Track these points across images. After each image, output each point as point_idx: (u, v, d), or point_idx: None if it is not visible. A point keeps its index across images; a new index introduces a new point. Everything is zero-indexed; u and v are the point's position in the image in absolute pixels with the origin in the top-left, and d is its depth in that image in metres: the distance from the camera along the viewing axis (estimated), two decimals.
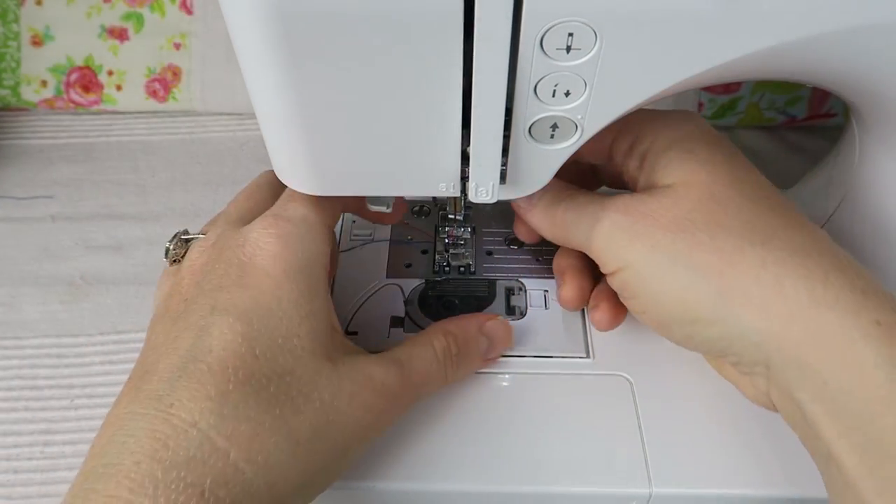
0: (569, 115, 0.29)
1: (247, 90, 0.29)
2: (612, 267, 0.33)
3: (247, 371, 0.28)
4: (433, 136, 0.30)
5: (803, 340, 0.28)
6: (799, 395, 0.29)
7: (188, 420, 0.27)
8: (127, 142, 0.60)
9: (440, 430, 0.36)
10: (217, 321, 0.29)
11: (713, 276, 0.30)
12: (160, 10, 0.59)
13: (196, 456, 0.26)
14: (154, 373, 0.28)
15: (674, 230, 0.31)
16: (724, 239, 0.30)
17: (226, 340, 0.29)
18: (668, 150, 0.34)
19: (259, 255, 0.31)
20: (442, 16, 0.25)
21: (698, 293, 0.30)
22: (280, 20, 0.25)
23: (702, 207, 0.31)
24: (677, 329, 0.32)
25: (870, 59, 0.29)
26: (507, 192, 0.33)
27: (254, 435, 0.27)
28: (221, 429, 0.27)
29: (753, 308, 0.29)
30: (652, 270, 0.31)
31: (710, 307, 0.30)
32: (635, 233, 0.32)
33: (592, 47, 0.26)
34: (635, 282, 0.32)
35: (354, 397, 0.30)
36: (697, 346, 0.32)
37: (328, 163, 0.31)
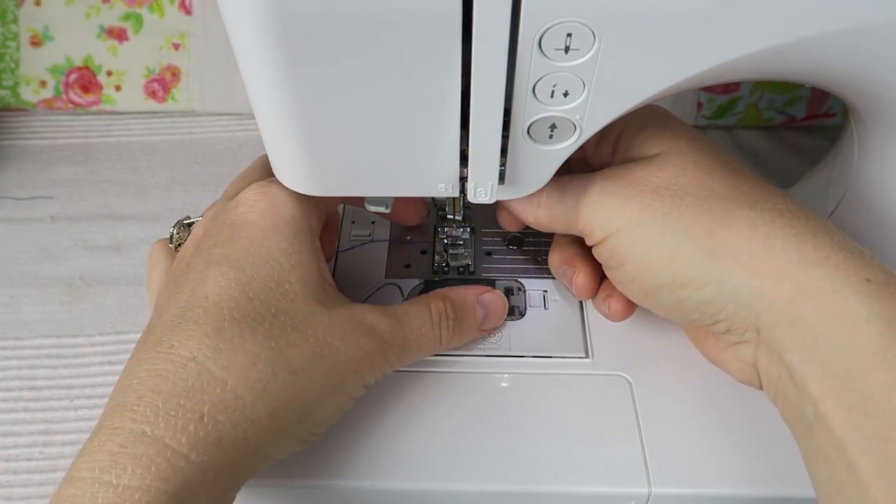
0: (567, 116, 0.29)
1: (246, 91, 0.29)
2: (600, 235, 0.33)
3: (241, 311, 0.30)
4: (432, 136, 0.30)
5: (794, 298, 0.29)
6: (788, 356, 0.29)
7: (186, 356, 0.28)
8: (126, 142, 0.60)
9: (439, 430, 0.36)
10: (212, 272, 0.31)
11: (703, 236, 0.30)
12: (159, 11, 0.59)
13: (195, 385, 0.28)
14: (157, 325, 0.30)
15: (662, 194, 0.31)
16: (712, 201, 0.31)
17: (220, 287, 0.30)
18: (644, 127, 0.34)
19: (249, 212, 0.33)
20: (440, 16, 0.25)
21: (689, 254, 0.30)
22: (278, 21, 0.25)
23: (687, 173, 0.32)
24: (667, 295, 0.32)
25: (868, 60, 0.29)
26: (506, 192, 0.33)
27: (251, 364, 0.29)
28: (219, 360, 0.28)
29: (744, 267, 0.30)
30: (642, 233, 0.31)
31: (701, 268, 0.30)
32: (624, 197, 0.32)
33: (591, 48, 0.26)
34: (624, 247, 0.32)
35: (346, 336, 0.32)
36: (688, 311, 0.32)
37: (327, 164, 0.31)
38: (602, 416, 0.37)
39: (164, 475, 0.26)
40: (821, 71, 0.31)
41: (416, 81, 0.27)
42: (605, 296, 0.38)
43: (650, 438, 0.36)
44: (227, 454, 0.28)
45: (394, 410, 0.37)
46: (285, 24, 0.25)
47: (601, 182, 0.33)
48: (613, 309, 0.37)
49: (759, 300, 0.29)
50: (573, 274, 0.38)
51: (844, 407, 0.27)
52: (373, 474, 0.35)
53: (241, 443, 0.28)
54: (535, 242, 0.45)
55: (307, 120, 0.29)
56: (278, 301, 0.31)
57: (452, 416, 0.37)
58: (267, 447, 0.30)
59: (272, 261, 0.32)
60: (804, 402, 0.29)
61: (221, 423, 0.28)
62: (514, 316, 0.41)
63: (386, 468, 0.35)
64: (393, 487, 0.35)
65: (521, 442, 0.36)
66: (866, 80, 0.32)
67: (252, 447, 0.29)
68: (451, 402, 0.37)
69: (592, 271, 0.38)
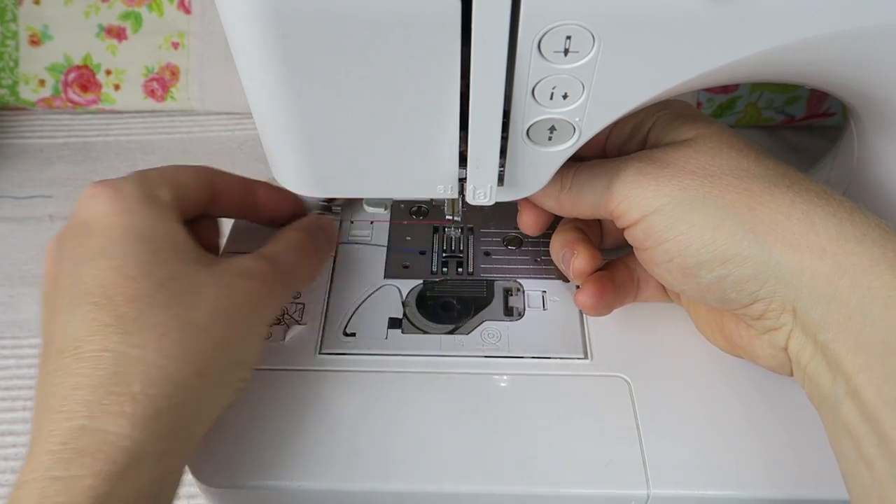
0: (566, 118, 0.29)
1: (244, 90, 0.29)
2: (635, 215, 0.33)
3: (129, 292, 0.30)
4: (431, 138, 0.30)
5: (833, 274, 0.29)
6: (823, 335, 0.29)
7: (97, 349, 0.29)
8: (125, 141, 0.60)
9: (438, 431, 0.36)
10: (83, 269, 0.31)
11: (744, 212, 0.30)
12: (158, 10, 0.59)
13: (118, 371, 0.28)
14: (51, 333, 0.31)
15: (700, 174, 0.32)
16: (750, 180, 0.31)
17: (98, 279, 0.30)
18: (675, 118, 0.35)
19: (93, 207, 0.33)
20: (440, 18, 0.25)
21: (731, 229, 0.30)
22: (277, 21, 0.25)
23: (722, 154, 0.32)
24: (706, 273, 0.32)
25: (866, 62, 0.29)
26: (505, 193, 0.33)
27: (161, 335, 0.30)
28: (130, 341, 0.29)
29: (786, 243, 0.30)
30: (682, 211, 0.31)
31: (743, 243, 0.30)
32: (663, 178, 0.32)
33: (590, 50, 0.26)
34: (663, 226, 0.32)
35: (234, 286, 0.33)
36: (726, 289, 0.32)
37: (325, 165, 0.31)
38: (601, 418, 0.37)
39: (111, 458, 0.27)
40: (820, 72, 0.31)
41: (415, 83, 0.27)
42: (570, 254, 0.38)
43: (649, 440, 0.36)
44: (169, 422, 0.29)
45: (392, 411, 0.37)
46: (284, 25, 0.25)
47: (636, 164, 0.33)
48: (582, 301, 0.37)
49: (801, 276, 0.30)
50: (572, 257, 0.38)
51: (878, 380, 0.28)
52: (371, 476, 0.35)
53: (179, 409, 0.29)
54: (534, 243, 0.45)
55: (305, 121, 0.29)
56: (160, 271, 0.31)
57: (451, 417, 0.37)
58: (206, 405, 0.31)
59: (136, 238, 0.32)
60: (837, 379, 0.29)
61: (154, 396, 0.29)
62: (514, 317, 0.41)
63: (384, 470, 0.35)
64: (391, 489, 0.35)
65: (520, 443, 0.36)
66: (865, 82, 0.32)
67: (192, 410, 0.30)
68: (449, 403, 0.37)
69: (591, 256, 0.38)
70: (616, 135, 0.36)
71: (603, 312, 0.38)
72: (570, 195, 0.35)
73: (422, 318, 0.41)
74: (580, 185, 0.34)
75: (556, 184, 0.35)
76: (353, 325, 0.40)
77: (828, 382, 0.30)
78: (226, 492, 0.35)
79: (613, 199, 0.33)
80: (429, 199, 0.46)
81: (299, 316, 0.41)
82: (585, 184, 0.34)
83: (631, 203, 0.33)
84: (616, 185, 0.33)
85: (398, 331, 0.40)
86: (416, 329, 0.40)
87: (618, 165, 0.33)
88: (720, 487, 0.35)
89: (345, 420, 0.36)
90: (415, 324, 0.41)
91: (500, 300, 0.42)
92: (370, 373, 0.38)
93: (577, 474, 0.35)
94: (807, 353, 0.31)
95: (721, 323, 0.36)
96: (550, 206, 0.37)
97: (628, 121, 0.36)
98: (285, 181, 0.33)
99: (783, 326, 0.31)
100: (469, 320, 0.41)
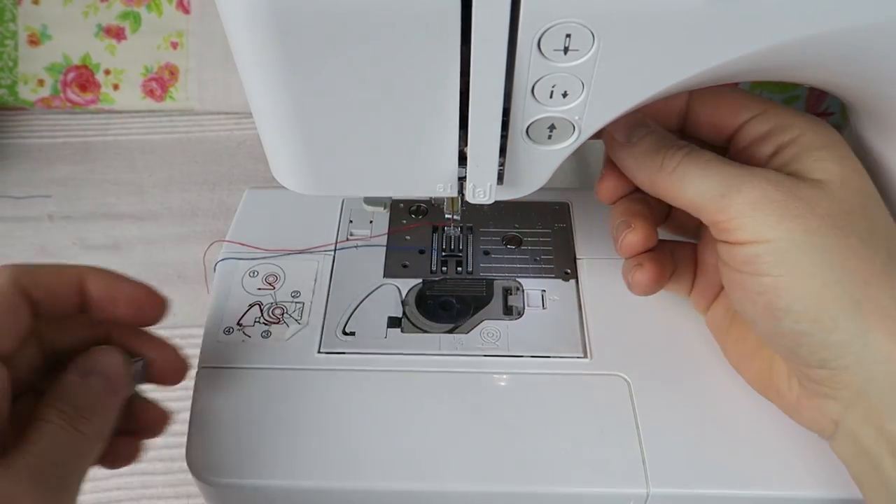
0: (566, 116, 0.29)
1: (244, 89, 0.29)
2: (746, 237, 0.31)
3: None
4: (431, 136, 0.30)
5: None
6: (892, 426, 0.29)
7: None
8: (124, 141, 0.60)
9: (437, 430, 0.36)
10: None
11: (858, 283, 0.29)
12: (157, 10, 0.59)
13: None
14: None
15: (829, 223, 0.30)
16: (875, 252, 0.30)
17: None
18: (821, 148, 0.32)
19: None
20: (439, 17, 0.25)
21: (837, 294, 0.29)
22: (277, 20, 0.25)
23: (855, 213, 0.30)
24: (791, 322, 0.30)
25: (866, 60, 0.29)
26: (505, 192, 0.33)
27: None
28: None
29: (884, 329, 0.29)
30: (797, 255, 0.30)
31: (843, 311, 0.29)
32: (788, 211, 0.30)
33: (590, 48, 0.26)
34: (771, 260, 0.30)
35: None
36: (801, 345, 0.30)
37: (325, 163, 0.31)
38: (600, 417, 0.37)
39: None
40: (818, 71, 0.31)
41: (414, 81, 0.27)
42: (636, 264, 0.36)
43: (648, 438, 0.36)
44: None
45: (391, 410, 0.37)
46: (283, 24, 0.25)
47: (764, 185, 0.30)
48: (637, 280, 0.36)
49: (886, 364, 0.29)
50: (627, 229, 0.36)
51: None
52: (370, 475, 0.35)
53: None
54: (533, 242, 0.45)
55: (305, 119, 0.29)
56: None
57: (450, 416, 0.37)
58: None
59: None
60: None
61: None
62: (513, 316, 0.41)
63: (383, 469, 0.35)
64: (390, 488, 0.35)
65: (519, 442, 0.36)
66: (864, 80, 0.32)
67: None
68: (448, 402, 0.37)
69: (647, 236, 0.36)
70: (750, 131, 0.34)
71: (648, 294, 0.37)
72: (670, 180, 0.32)
73: (421, 317, 0.41)
74: (685, 175, 0.32)
75: (655, 160, 0.33)
76: (353, 325, 0.40)
77: (892, 471, 0.29)
78: (225, 490, 0.35)
79: (725, 211, 0.31)
80: (428, 198, 0.46)
81: (299, 315, 0.41)
82: (693, 177, 0.32)
83: (746, 224, 0.30)
84: (734, 198, 0.31)
85: (397, 330, 0.40)
86: (415, 328, 0.40)
87: (741, 177, 0.31)
88: (719, 486, 0.35)
89: (344, 419, 0.36)
90: (414, 323, 0.41)
91: (500, 299, 0.42)
92: (369, 372, 0.38)
93: (577, 473, 0.35)
94: (867, 435, 0.30)
95: (770, 369, 0.35)
96: (640, 181, 0.34)
97: (769, 118, 0.34)
98: (285, 180, 0.33)
99: (839, 399, 0.31)
100: (468, 319, 0.41)
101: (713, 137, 0.36)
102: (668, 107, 0.36)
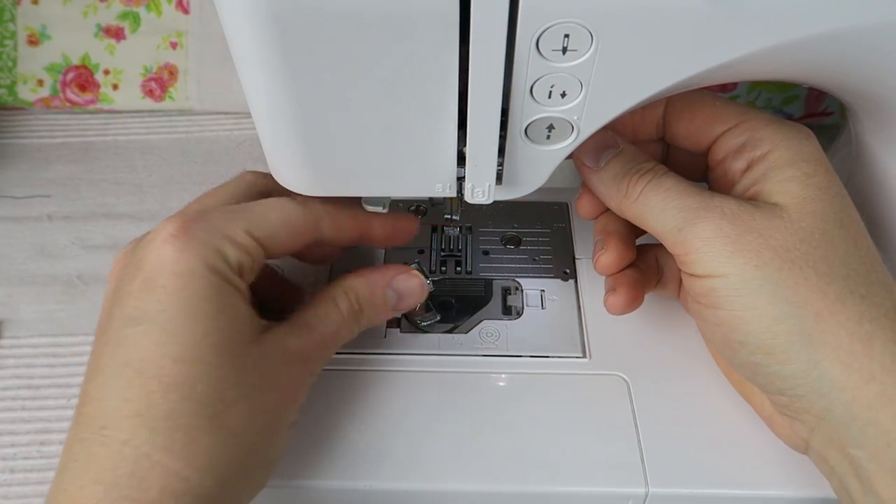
0: (565, 116, 0.29)
1: (243, 90, 0.29)
2: (701, 271, 0.31)
3: (168, 378, 0.28)
4: (429, 136, 0.30)
5: (875, 401, 0.28)
6: (856, 451, 0.29)
7: (121, 439, 0.27)
8: (123, 141, 0.60)
9: (436, 429, 0.36)
10: (130, 332, 0.29)
11: (810, 316, 0.29)
12: (156, 9, 0.59)
13: (135, 473, 0.26)
14: (87, 394, 0.29)
15: (782, 256, 0.30)
16: (828, 282, 0.29)
17: (141, 351, 0.28)
18: (787, 166, 0.32)
19: (162, 258, 0.30)
20: (438, 17, 0.25)
21: (790, 328, 0.29)
22: (275, 20, 0.25)
23: (813, 241, 0.30)
24: (747, 354, 0.31)
25: (865, 59, 0.30)
26: (504, 192, 0.33)
27: (190, 441, 0.27)
28: (156, 442, 0.27)
29: (838, 360, 0.29)
30: (749, 290, 0.30)
31: (795, 345, 0.29)
32: (741, 245, 0.30)
33: (588, 48, 0.26)
34: (725, 295, 0.30)
35: (277, 372, 0.31)
36: (758, 375, 0.31)
37: (324, 163, 0.31)
38: (599, 416, 0.37)
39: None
40: (818, 71, 0.31)
41: (413, 82, 0.27)
42: (610, 288, 0.37)
43: (647, 438, 0.36)
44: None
45: (390, 410, 0.37)
46: (282, 24, 0.25)
47: (717, 221, 0.31)
48: (611, 303, 0.36)
49: (840, 394, 0.29)
50: (601, 250, 0.36)
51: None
52: (369, 475, 0.35)
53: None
54: (532, 242, 0.45)
55: (304, 120, 0.29)
56: (207, 356, 0.29)
57: (449, 415, 0.37)
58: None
59: (193, 311, 0.29)
60: (867, 495, 0.29)
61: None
62: (512, 315, 0.41)
63: (382, 468, 0.35)
64: (389, 488, 0.35)
65: (518, 442, 0.36)
66: (863, 80, 0.32)
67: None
68: (447, 402, 0.37)
69: (621, 255, 0.36)
70: (725, 143, 0.34)
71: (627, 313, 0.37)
72: (633, 208, 0.33)
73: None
74: (646, 205, 0.32)
75: (620, 187, 0.33)
76: None
77: (858, 494, 0.30)
78: None
79: (682, 245, 0.31)
80: (427, 198, 0.46)
81: None
82: (654, 208, 0.32)
83: (701, 260, 0.31)
84: (688, 233, 0.31)
85: (397, 329, 0.40)
86: (414, 328, 0.40)
87: (696, 211, 0.31)
88: (718, 486, 0.35)
89: (343, 418, 0.36)
90: (414, 323, 0.41)
91: (499, 299, 0.42)
92: (368, 371, 0.38)
93: (576, 472, 0.35)
94: (833, 456, 0.30)
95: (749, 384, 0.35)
96: (610, 206, 0.35)
97: (740, 133, 0.34)
98: (284, 181, 0.33)
99: (805, 423, 0.31)
100: (468, 319, 0.41)
101: (691, 147, 0.36)
102: (645, 117, 0.36)
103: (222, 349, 0.29)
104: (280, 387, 0.31)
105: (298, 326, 0.33)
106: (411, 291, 0.37)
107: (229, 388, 0.29)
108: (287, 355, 0.32)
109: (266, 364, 0.31)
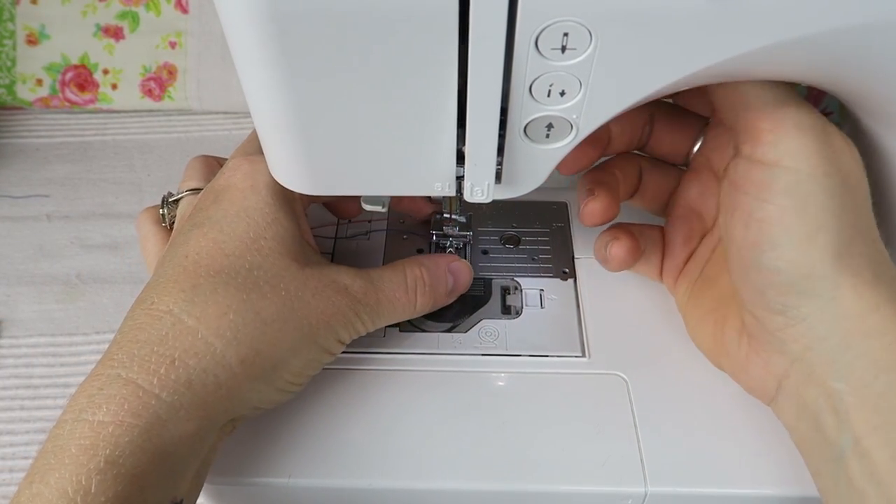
0: (564, 115, 0.29)
1: (242, 89, 0.29)
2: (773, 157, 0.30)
3: (217, 267, 0.32)
4: (428, 135, 0.30)
5: (874, 331, 0.29)
6: (837, 384, 0.29)
7: (163, 309, 0.31)
8: (122, 140, 0.60)
9: (436, 429, 0.36)
10: (194, 233, 0.33)
11: (845, 238, 0.30)
12: (155, 9, 0.59)
13: (168, 334, 0.30)
14: (147, 286, 0.33)
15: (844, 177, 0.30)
16: (868, 216, 0.31)
17: (200, 246, 0.33)
18: None
19: (232, 177, 0.35)
20: (437, 15, 0.25)
21: (827, 242, 0.29)
22: (274, 19, 0.25)
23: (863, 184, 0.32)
24: (772, 259, 0.30)
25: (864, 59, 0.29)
26: (503, 191, 0.33)
27: (221, 314, 0.31)
28: (191, 311, 0.30)
29: (854, 288, 0.29)
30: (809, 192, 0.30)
31: (826, 260, 0.29)
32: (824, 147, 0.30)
33: (587, 47, 0.26)
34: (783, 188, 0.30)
35: (318, 291, 0.33)
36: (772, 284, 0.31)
37: (323, 162, 0.31)
38: (598, 416, 0.37)
39: (135, 411, 0.28)
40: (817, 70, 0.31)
41: (412, 80, 0.27)
42: (611, 238, 0.37)
43: (647, 437, 0.36)
44: (198, 395, 0.30)
45: (390, 409, 0.37)
46: (281, 23, 0.25)
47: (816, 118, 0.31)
48: (614, 253, 0.37)
49: (844, 321, 0.29)
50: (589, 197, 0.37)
51: (892, 447, 0.28)
52: (369, 474, 0.35)
53: (212, 386, 0.30)
54: (531, 241, 0.45)
55: (303, 119, 0.29)
56: (253, 256, 0.32)
57: (448, 415, 0.37)
58: (241, 393, 0.31)
59: (248, 219, 0.33)
60: (843, 430, 0.29)
61: (191, 367, 0.30)
62: (511, 315, 0.41)
63: (381, 467, 0.35)
64: (388, 486, 0.35)
65: (518, 441, 0.36)
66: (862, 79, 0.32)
67: (224, 391, 0.30)
68: (447, 402, 0.37)
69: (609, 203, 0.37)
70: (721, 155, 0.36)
71: (623, 269, 0.38)
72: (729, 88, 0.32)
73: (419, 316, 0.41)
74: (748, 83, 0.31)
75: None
76: None
77: (832, 430, 0.30)
78: (224, 488, 0.35)
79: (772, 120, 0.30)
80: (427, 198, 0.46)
81: None
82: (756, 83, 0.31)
83: (781, 141, 0.30)
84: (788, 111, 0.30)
85: (396, 329, 0.40)
86: (413, 327, 0.40)
87: (798, 101, 0.31)
88: (717, 485, 0.35)
89: (342, 418, 0.36)
90: (412, 322, 0.41)
91: (498, 298, 0.42)
92: (368, 371, 0.38)
93: (575, 472, 0.35)
94: (809, 393, 0.31)
95: (722, 327, 0.35)
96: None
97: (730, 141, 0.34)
98: (283, 179, 0.33)
99: (786, 354, 0.31)
100: (467, 318, 0.41)
101: (672, 157, 0.38)
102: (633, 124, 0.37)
103: (269, 255, 0.33)
104: (318, 306, 0.33)
105: (356, 272, 0.36)
106: (463, 278, 0.40)
107: (268, 286, 0.32)
108: (335, 285, 0.34)
109: (310, 282, 0.33)
